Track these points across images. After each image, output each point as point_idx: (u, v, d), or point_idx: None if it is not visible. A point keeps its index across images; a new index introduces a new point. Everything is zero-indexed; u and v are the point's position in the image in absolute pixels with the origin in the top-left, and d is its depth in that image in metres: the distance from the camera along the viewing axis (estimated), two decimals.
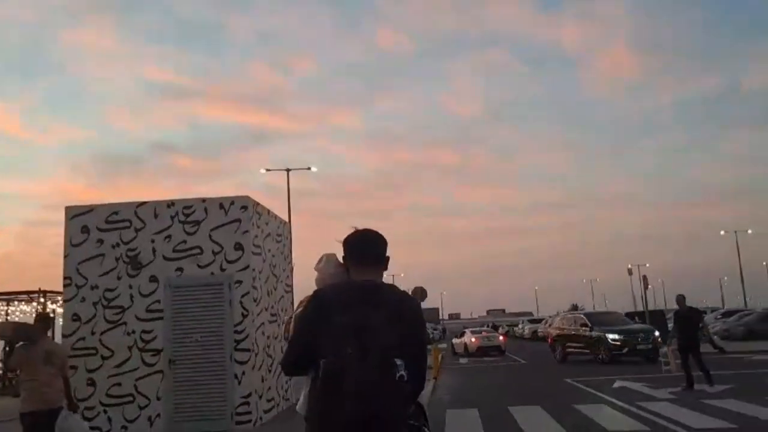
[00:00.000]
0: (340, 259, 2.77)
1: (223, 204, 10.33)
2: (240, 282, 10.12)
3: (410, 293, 19.44)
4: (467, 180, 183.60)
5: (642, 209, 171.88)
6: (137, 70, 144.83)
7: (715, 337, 9.41)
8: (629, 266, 47.00)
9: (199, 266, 10.07)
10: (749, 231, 66.48)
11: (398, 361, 2.30)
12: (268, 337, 11.05)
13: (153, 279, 10.02)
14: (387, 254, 2.68)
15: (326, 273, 3.17)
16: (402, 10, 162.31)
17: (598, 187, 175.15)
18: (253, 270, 10.36)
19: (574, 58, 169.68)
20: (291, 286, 12.97)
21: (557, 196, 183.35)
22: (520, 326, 58.40)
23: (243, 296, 10.08)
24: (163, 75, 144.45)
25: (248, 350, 9.97)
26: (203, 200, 10.36)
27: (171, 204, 10.33)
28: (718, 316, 38.25)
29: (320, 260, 3.28)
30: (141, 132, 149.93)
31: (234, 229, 10.25)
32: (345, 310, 2.37)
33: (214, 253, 10.12)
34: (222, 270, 10.12)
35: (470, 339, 31.35)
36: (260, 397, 10.28)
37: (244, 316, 10.04)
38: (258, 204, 10.95)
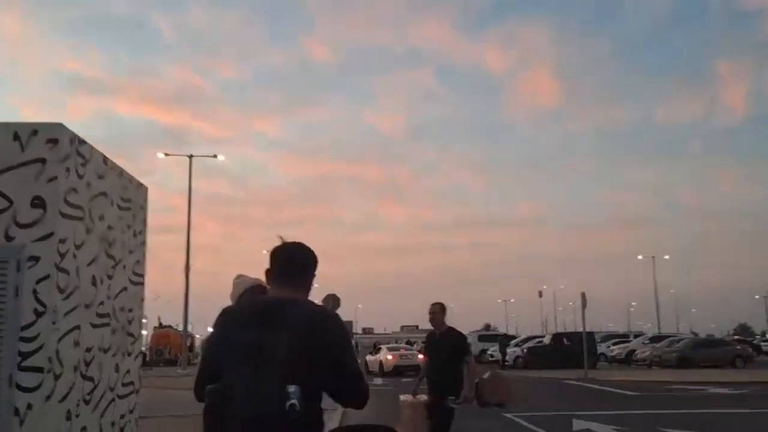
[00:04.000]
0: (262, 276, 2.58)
1: (19, 133, 6.46)
2: (36, 259, 6.27)
3: (323, 299, 15.61)
4: (388, 196, 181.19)
5: (554, 233, 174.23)
6: (53, 61, 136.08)
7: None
8: (541, 288, 45.43)
9: None
10: (666, 257, 66.77)
11: (291, 388, 2.05)
12: (89, 350, 7.18)
13: None
14: (312, 271, 2.50)
15: (233, 295, 3.34)
16: (330, 22, 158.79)
17: (514, 209, 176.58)
18: (63, 241, 6.54)
19: (496, 82, 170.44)
20: (143, 275, 9.03)
21: (474, 215, 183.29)
22: None
23: (40, 282, 6.23)
24: (79, 68, 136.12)
25: (41, 369, 6.12)
26: None
27: None
28: (646, 341, 36.54)
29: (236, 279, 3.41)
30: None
31: (33, 174, 6.40)
32: (242, 329, 2.21)
33: None
34: (7, 238, 6.25)
35: (386, 356, 28.06)
36: None
37: (39, 314, 6.19)
38: (84, 142, 7.12)
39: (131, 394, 8.87)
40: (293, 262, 2.45)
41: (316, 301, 2.55)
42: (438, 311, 6.60)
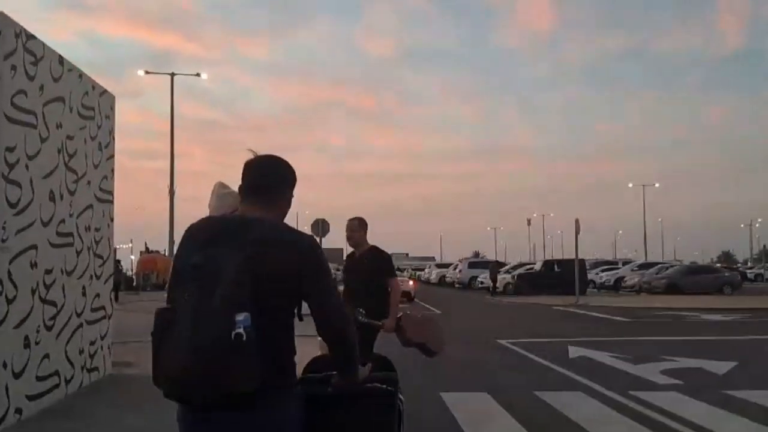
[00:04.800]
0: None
1: None
2: None
3: (312, 224, 17.81)
4: (375, 122, 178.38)
5: (546, 163, 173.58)
6: None
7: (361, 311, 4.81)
8: (530, 217, 45.11)
9: None
10: (656, 185, 66.59)
11: (240, 317, 1.79)
12: (49, 272, 6.54)
13: None
14: (287, 189, 2.20)
15: (211, 205, 2.96)
16: None
17: (505, 138, 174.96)
18: (11, 150, 5.81)
19: (492, 5, 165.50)
20: (111, 193, 8.33)
21: (464, 144, 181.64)
22: (426, 271, 55.84)
23: None
24: None
25: None
26: None
27: None
28: (635, 268, 36.50)
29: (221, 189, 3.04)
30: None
31: None
32: (198, 248, 1.97)
33: None
34: None
35: None
36: (19, 373, 5.86)
37: None
38: (33, 37, 6.27)
39: (102, 319, 8.25)
40: (265, 177, 2.18)
41: (304, 229, 2.32)
42: (356, 228, 5.65)
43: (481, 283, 36.54)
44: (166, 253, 52.33)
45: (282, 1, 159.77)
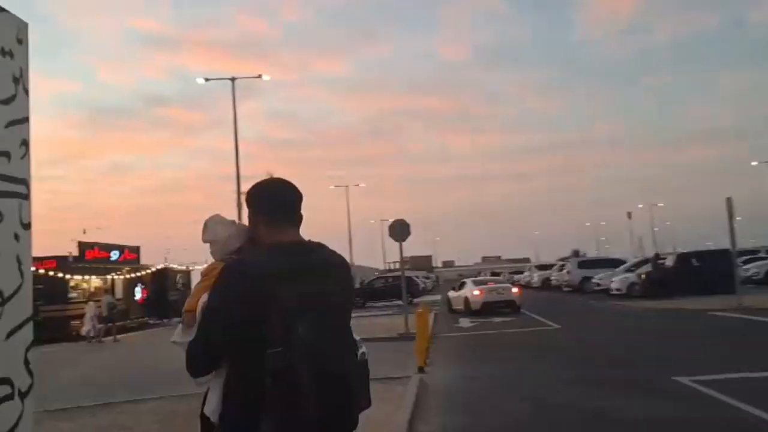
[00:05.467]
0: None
1: None
2: None
3: (389, 227, 16.15)
4: (455, 126, 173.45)
5: (639, 151, 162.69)
6: (124, 20, 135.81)
7: None
8: (633, 208, 39.33)
9: None
10: None
11: (357, 337, 2.08)
12: None
13: None
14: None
15: (223, 236, 2.52)
16: None
17: (592, 130, 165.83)
18: None
19: None
20: (23, 181, 4.20)
21: (549, 139, 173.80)
22: (526, 274, 50.62)
23: None
24: (148, 25, 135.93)
25: None
26: None
27: None
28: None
29: (205, 227, 2.59)
30: (130, 83, 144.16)
31: None
32: (289, 280, 1.90)
33: None
34: None
35: (472, 292, 23.24)
36: None
37: None
38: None
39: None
40: (296, 197, 2.18)
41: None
42: None
43: (597, 285, 31.21)
44: None
45: (355, 18, 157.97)
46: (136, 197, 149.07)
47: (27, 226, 3.92)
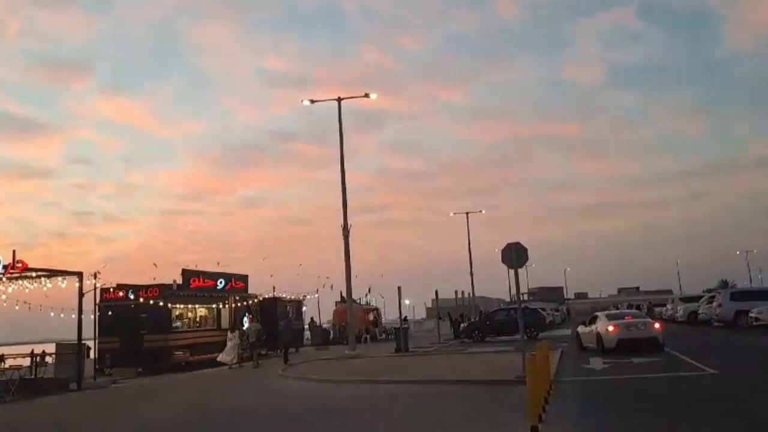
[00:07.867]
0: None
1: None
2: None
3: (502, 251, 15.35)
4: (586, 151, 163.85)
5: None
6: (255, 61, 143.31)
7: None
8: None
9: None
10: None
11: None
12: None
13: None
14: None
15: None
16: None
17: (739, 152, 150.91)
18: None
19: (709, 12, 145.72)
20: None
21: (690, 164, 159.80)
22: (669, 306, 45.51)
23: None
24: (276, 63, 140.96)
25: None
26: None
27: None
28: None
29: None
30: (261, 121, 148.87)
31: None
32: None
33: None
34: None
35: (606, 327, 20.13)
36: None
37: None
38: None
39: None
40: None
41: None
42: None
43: (756, 320, 26.77)
44: (363, 302, 48.48)
45: (480, 45, 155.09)
46: (263, 227, 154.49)
47: None
